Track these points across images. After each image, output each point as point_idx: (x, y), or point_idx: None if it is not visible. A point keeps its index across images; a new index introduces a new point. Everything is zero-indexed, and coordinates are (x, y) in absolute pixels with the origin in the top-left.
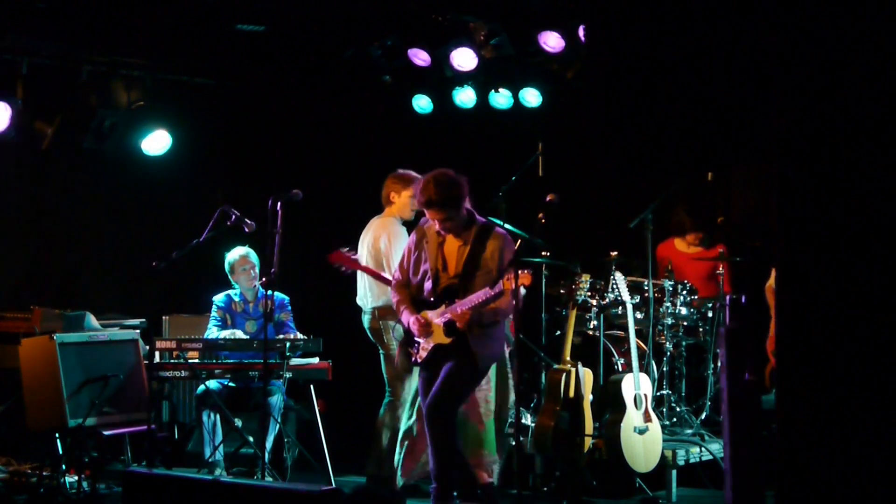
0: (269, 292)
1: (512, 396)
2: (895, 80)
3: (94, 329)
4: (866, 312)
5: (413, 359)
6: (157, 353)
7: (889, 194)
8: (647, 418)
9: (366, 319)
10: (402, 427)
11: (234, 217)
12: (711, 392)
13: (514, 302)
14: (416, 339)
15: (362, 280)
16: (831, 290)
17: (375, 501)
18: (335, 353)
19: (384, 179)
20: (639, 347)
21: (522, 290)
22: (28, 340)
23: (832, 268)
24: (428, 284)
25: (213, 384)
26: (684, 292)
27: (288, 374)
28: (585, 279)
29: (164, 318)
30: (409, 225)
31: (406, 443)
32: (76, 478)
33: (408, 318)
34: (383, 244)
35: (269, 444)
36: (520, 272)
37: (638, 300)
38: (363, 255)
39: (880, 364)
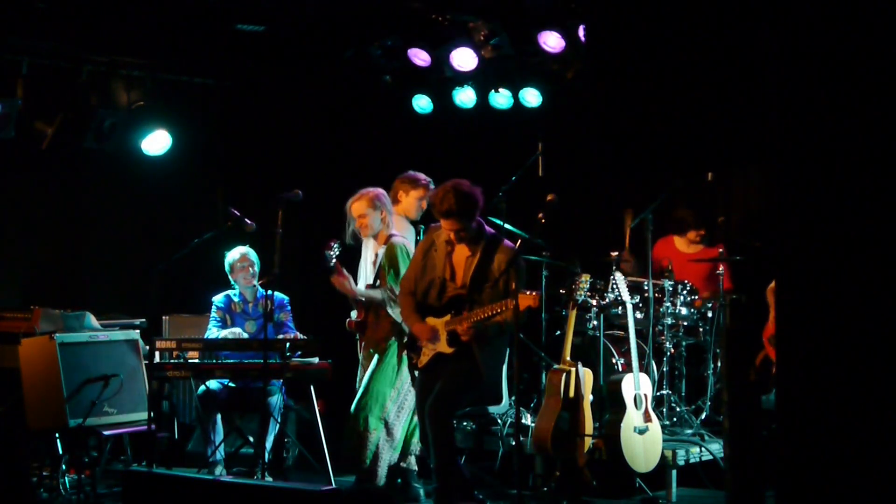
0: (269, 292)
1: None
2: (893, 81)
3: (94, 329)
4: (866, 312)
5: (413, 362)
6: (157, 353)
7: (888, 194)
8: (647, 418)
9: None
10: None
11: (234, 217)
12: (711, 392)
13: (516, 305)
14: (419, 344)
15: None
16: (831, 290)
17: (370, 500)
18: (335, 353)
19: (385, 179)
20: (639, 347)
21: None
22: (28, 340)
23: (831, 267)
24: (434, 292)
25: (213, 384)
26: (684, 292)
27: (288, 374)
28: (585, 279)
29: (164, 318)
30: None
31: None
32: (76, 478)
33: (412, 324)
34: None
35: (269, 444)
36: (527, 293)
37: (638, 300)
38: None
39: (880, 364)
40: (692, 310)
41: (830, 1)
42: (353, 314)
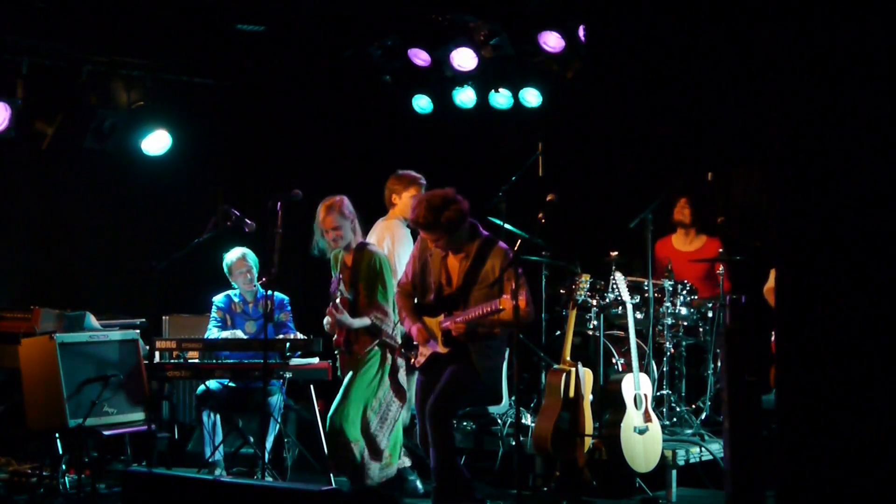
0: (269, 292)
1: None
2: (894, 81)
3: (94, 329)
4: (866, 312)
5: (411, 362)
6: (157, 353)
7: (888, 194)
8: (647, 418)
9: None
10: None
11: (234, 217)
12: (711, 392)
13: (516, 305)
14: (415, 343)
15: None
16: (831, 290)
17: (371, 500)
18: (335, 353)
19: (384, 179)
20: (639, 347)
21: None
22: (28, 340)
23: (832, 267)
24: (431, 295)
25: (213, 384)
26: (684, 292)
27: (288, 374)
28: (585, 279)
29: (164, 318)
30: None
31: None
32: (76, 478)
33: (409, 326)
34: (386, 247)
35: (269, 444)
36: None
37: (638, 300)
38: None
39: (880, 364)
40: (692, 310)
41: (831, 1)
42: (326, 324)
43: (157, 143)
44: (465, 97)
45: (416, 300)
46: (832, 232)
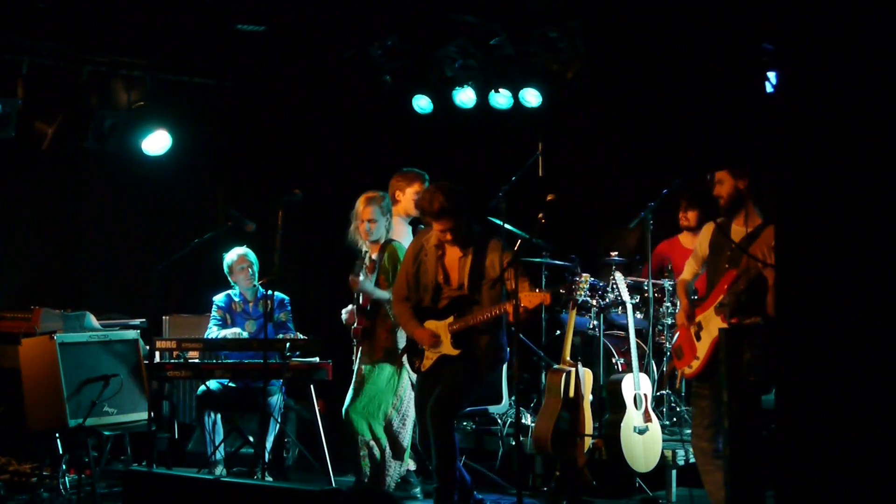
0: (269, 292)
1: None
2: (894, 81)
3: (94, 329)
4: (865, 312)
5: (416, 366)
6: (157, 353)
7: (888, 195)
8: (647, 418)
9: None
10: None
11: (234, 217)
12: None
13: (516, 305)
14: (420, 347)
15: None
16: (830, 291)
17: (371, 500)
18: (335, 353)
19: (385, 179)
20: (639, 347)
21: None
22: (28, 340)
23: (831, 268)
24: (428, 297)
25: (213, 384)
26: None
27: (288, 374)
28: (585, 279)
29: (164, 318)
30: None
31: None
32: (76, 478)
33: (412, 330)
34: None
35: (269, 444)
36: (538, 291)
37: (638, 300)
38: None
39: (879, 364)
40: None
41: (833, 4)
42: (344, 313)
43: (157, 143)
44: (465, 97)
45: (413, 304)
46: (833, 231)
